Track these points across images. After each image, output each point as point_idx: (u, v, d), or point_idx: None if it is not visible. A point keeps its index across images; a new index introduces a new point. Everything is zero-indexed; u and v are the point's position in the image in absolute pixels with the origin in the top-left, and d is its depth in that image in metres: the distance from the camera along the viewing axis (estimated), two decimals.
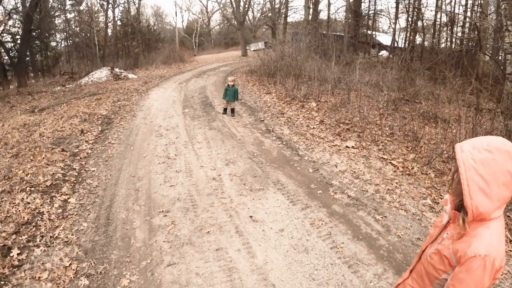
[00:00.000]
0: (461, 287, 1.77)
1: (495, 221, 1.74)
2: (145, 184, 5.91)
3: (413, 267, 2.23)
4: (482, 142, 1.73)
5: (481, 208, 1.68)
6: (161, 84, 15.92)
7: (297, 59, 14.60)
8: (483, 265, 1.67)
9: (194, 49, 49.09)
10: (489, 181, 1.67)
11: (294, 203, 5.33)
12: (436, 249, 1.99)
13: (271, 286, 3.65)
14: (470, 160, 1.71)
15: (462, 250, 1.76)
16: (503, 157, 1.65)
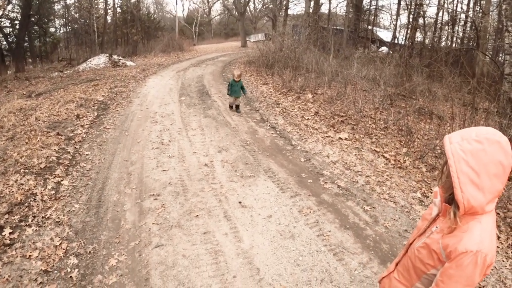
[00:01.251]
0: (450, 283, 1.74)
1: (487, 215, 1.70)
2: (137, 168, 5.99)
3: (399, 260, 2.21)
4: (471, 133, 1.68)
5: (473, 201, 1.64)
6: (159, 72, 15.92)
7: (295, 51, 14.61)
8: (475, 261, 1.64)
9: (194, 39, 48.77)
10: (480, 172, 1.62)
11: (283, 190, 5.40)
12: (425, 243, 1.95)
13: (255, 270, 3.73)
14: (459, 151, 1.66)
15: (452, 245, 1.72)
16: (494, 147, 1.60)
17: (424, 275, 1.97)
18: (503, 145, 1.60)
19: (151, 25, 33.04)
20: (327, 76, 12.11)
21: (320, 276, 3.69)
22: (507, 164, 1.60)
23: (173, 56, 23.57)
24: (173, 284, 3.51)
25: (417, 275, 2.01)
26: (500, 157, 1.60)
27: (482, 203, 1.64)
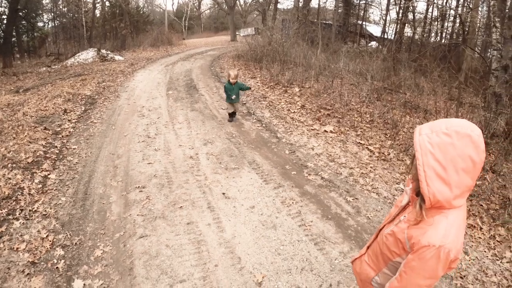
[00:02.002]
0: (412, 274, 1.75)
1: (455, 210, 1.68)
2: (124, 161, 6.04)
3: (370, 244, 2.24)
4: (441, 125, 1.63)
5: (438, 196, 1.61)
6: (147, 66, 15.90)
7: (283, 45, 14.63)
8: (437, 255, 1.63)
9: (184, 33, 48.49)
10: (447, 167, 1.58)
11: (267, 182, 5.48)
12: (392, 231, 1.96)
13: (237, 259, 3.82)
14: (427, 144, 1.63)
15: (416, 237, 1.72)
16: (463, 141, 1.55)
17: (390, 262, 2.00)
18: (474, 139, 1.55)
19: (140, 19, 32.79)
20: (314, 70, 12.18)
21: (301, 265, 3.78)
22: (478, 160, 1.56)
23: (162, 50, 23.45)
24: (156, 273, 3.58)
25: (384, 261, 2.05)
26: (470, 152, 1.55)
27: (448, 197, 1.62)
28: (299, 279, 3.59)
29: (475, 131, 1.56)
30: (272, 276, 3.61)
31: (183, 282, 3.48)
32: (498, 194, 5.62)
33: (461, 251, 1.70)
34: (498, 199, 5.47)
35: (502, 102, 7.71)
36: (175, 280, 3.49)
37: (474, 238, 4.60)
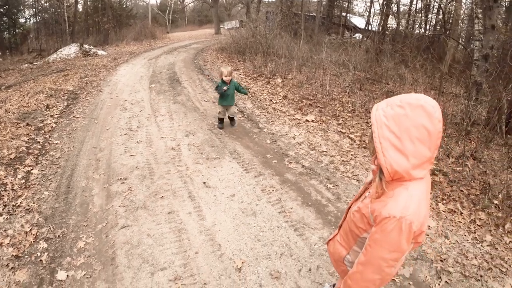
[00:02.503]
0: (376, 247, 1.78)
1: (416, 182, 1.70)
2: (106, 154, 6.04)
3: (341, 224, 2.29)
4: (396, 99, 1.67)
5: (395, 166, 1.63)
6: (130, 60, 15.76)
7: (266, 37, 14.62)
8: (399, 227, 1.65)
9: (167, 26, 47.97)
10: (402, 137, 1.60)
11: (248, 171, 5.54)
12: (358, 207, 2.00)
13: (217, 246, 3.87)
14: (382, 117, 1.65)
15: (378, 209, 1.74)
16: (416, 112, 1.58)
17: (358, 239, 2.04)
18: (427, 109, 1.57)
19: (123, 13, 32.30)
20: (297, 61, 12.22)
21: (280, 250, 3.84)
22: (433, 129, 1.58)
23: (145, 44, 23.21)
24: (137, 262, 3.62)
25: (354, 238, 2.09)
26: (423, 121, 1.57)
27: (406, 168, 1.63)
28: (279, 264, 3.65)
29: (428, 102, 1.59)
30: (252, 261, 3.67)
31: (164, 269, 3.52)
32: (479, 180, 5.73)
33: (425, 224, 1.72)
34: (479, 185, 5.57)
35: (483, 91, 7.85)
36: (156, 268, 3.54)
37: (455, 222, 4.69)
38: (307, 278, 3.51)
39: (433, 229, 4.50)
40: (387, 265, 1.80)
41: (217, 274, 3.49)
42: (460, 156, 6.32)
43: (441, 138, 1.65)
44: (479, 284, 3.74)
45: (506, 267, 4.00)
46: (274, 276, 3.49)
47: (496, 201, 5.10)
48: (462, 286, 3.69)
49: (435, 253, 4.07)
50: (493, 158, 6.68)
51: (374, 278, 1.89)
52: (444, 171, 5.80)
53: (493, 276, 3.87)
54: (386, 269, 1.83)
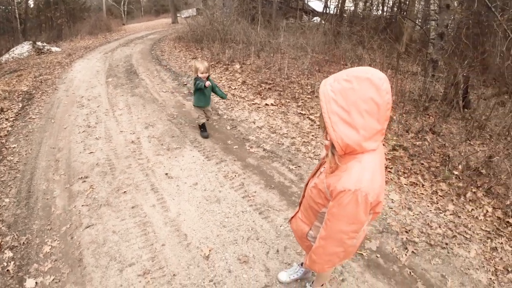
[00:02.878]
0: (335, 221, 1.78)
1: (368, 154, 1.68)
2: (65, 154, 5.76)
3: (301, 201, 2.29)
4: (343, 73, 1.63)
5: (346, 139, 1.62)
6: (85, 55, 15.06)
7: (224, 24, 14.34)
8: (355, 199, 1.65)
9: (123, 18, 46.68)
10: (350, 110, 1.58)
11: (209, 158, 5.45)
12: (315, 183, 2.01)
13: (183, 236, 3.79)
14: (329, 92, 1.63)
15: (333, 184, 1.74)
16: (363, 84, 1.55)
17: (318, 214, 2.07)
18: (374, 81, 1.54)
19: (76, 6, 30.83)
20: (254, 46, 12.08)
21: (246, 235, 3.81)
22: (381, 101, 1.56)
23: (100, 37, 22.21)
24: (105, 260, 3.50)
25: (314, 214, 2.11)
26: (371, 94, 1.55)
27: (357, 140, 1.62)
28: (246, 248, 3.62)
29: (375, 74, 1.56)
30: (219, 248, 3.62)
31: (132, 265, 3.42)
32: (439, 153, 5.86)
33: (381, 195, 1.72)
34: (439, 158, 5.69)
35: (439, 68, 8.03)
36: (124, 265, 3.43)
37: (417, 194, 4.79)
38: (275, 259, 3.50)
39: (396, 202, 4.58)
40: (348, 237, 1.82)
41: (186, 264, 3.42)
42: (419, 131, 6.45)
43: (390, 109, 1.62)
44: (445, 251, 3.84)
45: (470, 234, 4.12)
46: (243, 261, 3.46)
47: (456, 172, 5.23)
48: (429, 254, 3.77)
49: (400, 225, 4.14)
50: (452, 132, 6.85)
51: (337, 251, 1.92)
52: (404, 146, 5.90)
53: (458, 243, 3.98)
54: (347, 241, 1.85)
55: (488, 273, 3.64)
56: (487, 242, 4.05)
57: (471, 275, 3.59)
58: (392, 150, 5.82)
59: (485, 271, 3.67)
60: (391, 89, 1.63)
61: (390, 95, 1.58)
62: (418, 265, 3.62)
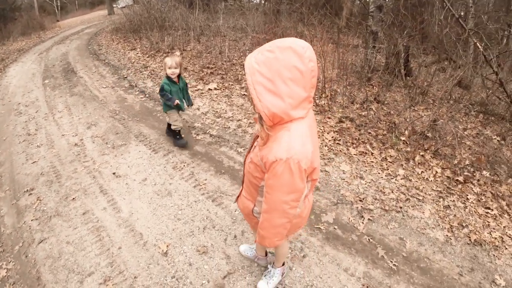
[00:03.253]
0: (273, 192, 1.76)
1: (297, 122, 1.67)
2: (7, 168, 5.26)
3: (243, 179, 2.25)
4: (266, 45, 1.62)
5: (272, 108, 1.61)
6: (19, 58, 13.84)
7: (161, 11, 13.73)
8: (288, 168, 1.63)
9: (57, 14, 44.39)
10: (274, 79, 1.58)
11: (156, 151, 5.22)
12: (251, 158, 2.02)
13: (138, 235, 3.61)
14: (254, 64, 1.62)
15: (265, 156, 1.72)
16: (286, 53, 1.55)
17: (259, 188, 2.05)
18: (297, 49, 1.54)
19: (6, 6, 28.92)
20: (194, 31, 11.72)
21: (202, 224, 3.69)
22: (305, 69, 1.57)
23: (34, 37, 20.50)
24: (63, 274, 3.25)
25: (255, 190, 2.10)
26: (294, 62, 1.55)
27: (283, 108, 1.61)
28: (203, 238, 3.51)
29: (297, 43, 1.57)
30: (176, 242, 3.48)
31: (91, 274, 3.20)
32: (385, 121, 5.95)
33: (315, 161, 1.73)
34: (385, 125, 5.78)
35: (379, 39, 8.10)
36: (84, 275, 3.20)
37: (367, 163, 4.84)
38: (234, 245, 3.41)
39: (348, 172, 4.62)
40: (290, 207, 1.80)
41: (145, 264, 3.26)
42: (364, 101, 6.52)
43: (316, 77, 1.63)
44: (400, 215, 3.92)
45: (422, 195, 4.23)
46: (202, 252, 3.35)
47: (403, 137, 5.35)
48: (385, 220, 3.84)
49: (353, 195, 4.18)
50: (396, 100, 6.99)
51: (282, 222, 1.89)
52: (351, 117, 5.94)
53: (411, 205, 4.07)
54: (290, 211, 1.83)
55: (444, 230, 3.76)
56: (439, 201, 4.18)
57: (428, 234, 3.70)
58: (339, 122, 5.86)
59: (440, 229, 3.79)
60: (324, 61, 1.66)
61: (314, 63, 1.59)
62: (376, 231, 3.67)
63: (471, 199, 4.28)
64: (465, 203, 4.22)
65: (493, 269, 3.38)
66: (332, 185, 4.40)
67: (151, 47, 11.60)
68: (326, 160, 4.94)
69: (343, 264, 3.27)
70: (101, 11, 39.14)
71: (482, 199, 4.31)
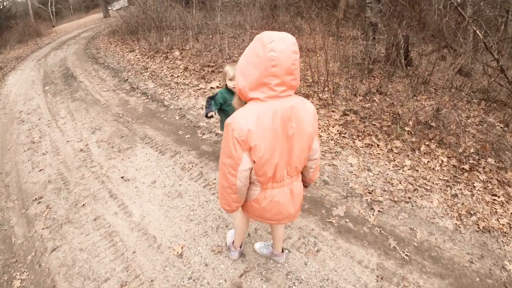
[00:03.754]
0: (221, 153, 2.04)
1: (254, 102, 1.88)
2: (14, 177, 5.24)
3: None
4: None
5: (239, 85, 1.91)
6: (18, 66, 13.79)
7: (157, 11, 13.63)
8: (227, 132, 1.89)
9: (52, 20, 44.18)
10: (245, 62, 1.87)
11: (163, 152, 5.20)
12: None
13: (152, 238, 3.59)
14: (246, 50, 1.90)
15: None
16: (256, 42, 1.80)
17: None
18: (263, 39, 1.75)
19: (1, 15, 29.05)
20: (191, 30, 11.66)
21: (215, 224, 3.68)
22: (263, 56, 1.75)
23: (31, 44, 20.36)
24: (79, 281, 3.23)
25: None
26: (257, 50, 1.78)
27: (243, 87, 1.88)
28: (217, 238, 3.49)
29: (268, 35, 1.77)
30: (191, 243, 3.46)
31: (107, 280, 3.19)
32: (388, 112, 5.92)
33: (251, 138, 1.85)
34: (389, 117, 5.75)
35: (379, 30, 8.06)
36: (100, 282, 3.19)
37: (374, 155, 4.82)
38: (249, 243, 3.40)
39: (355, 165, 4.61)
40: (228, 171, 2.01)
41: (161, 267, 3.25)
42: (366, 93, 6.50)
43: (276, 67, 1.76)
44: (409, 205, 3.91)
45: (429, 185, 4.22)
46: (217, 251, 3.34)
47: (407, 128, 5.33)
48: (394, 211, 3.83)
49: (362, 188, 4.17)
50: (398, 90, 6.95)
51: (223, 185, 2.10)
52: (354, 109, 5.92)
53: (420, 195, 4.06)
54: (229, 177, 2.03)
55: (453, 219, 3.75)
56: (447, 190, 4.17)
57: (437, 223, 3.69)
58: (343, 115, 5.84)
59: (449, 217, 3.78)
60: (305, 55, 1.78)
61: (277, 54, 1.73)
62: (386, 222, 3.67)
63: (477, 186, 4.27)
64: (472, 191, 4.20)
65: (502, 255, 3.39)
66: (340, 179, 4.39)
67: (149, 48, 11.54)
68: (333, 154, 4.93)
69: (357, 256, 3.27)
70: (96, 14, 38.99)
71: (489, 186, 4.30)
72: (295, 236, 3.51)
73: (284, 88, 1.84)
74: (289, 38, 1.77)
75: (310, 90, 6.83)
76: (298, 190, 2.27)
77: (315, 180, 2.55)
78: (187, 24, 12.11)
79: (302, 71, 7.55)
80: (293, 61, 1.78)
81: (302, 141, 2.02)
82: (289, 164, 2.08)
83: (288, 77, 1.81)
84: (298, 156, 2.07)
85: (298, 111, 1.93)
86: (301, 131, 1.98)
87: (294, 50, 1.78)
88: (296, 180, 2.24)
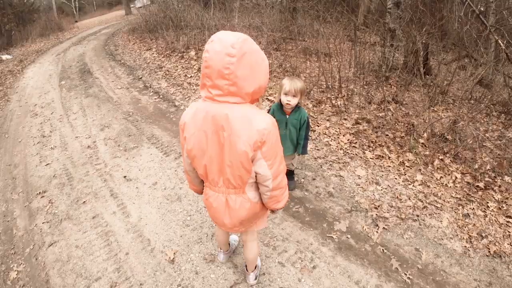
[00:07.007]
0: None
1: (200, 100, 1.89)
2: (21, 170, 5.35)
3: None
4: None
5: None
6: (37, 59, 14.14)
7: (176, 10, 13.74)
8: None
9: (75, 15, 44.85)
10: None
11: (167, 154, 5.19)
12: None
13: (146, 241, 3.57)
14: None
15: None
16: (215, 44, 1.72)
17: None
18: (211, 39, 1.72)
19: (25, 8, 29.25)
20: (209, 30, 11.65)
21: (210, 231, 3.63)
22: (207, 54, 1.71)
23: (52, 38, 21.01)
24: (71, 278, 3.25)
25: None
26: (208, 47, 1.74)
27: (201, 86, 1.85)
28: (211, 246, 3.44)
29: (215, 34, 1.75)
30: (184, 249, 3.43)
31: (98, 279, 3.19)
32: (403, 122, 5.74)
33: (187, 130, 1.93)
34: (403, 127, 5.57)
35: (397, 37, 7.92)
36: (91, 280, 3.19)
37: (384, 167, 4.65)
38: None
39: (363, 177, 4.46)
40: (183, 158, 2.16)
41: (151, 271, 3.22)
42: (381, 101, 6.34)
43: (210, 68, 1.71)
44: (417, 224, 3.74)
45: (440, 203, 4.03)
46: (209, 260, 3.29)
47: (422, 140, 5.13)
48: (400, 229, 3.68)
49: (368, 202, 4.03)
50: (414, 100, 6.76)
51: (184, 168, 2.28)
52: (368, 118, 5.76)
53: (429, 213, 3.88)
54: (184, 161, 2.17)
55: (463, 241, 3.58)
56: (458, 209, 3.98)
57: (445, 245, 3.53)
58: (356, 124, 5.69)
59: (459, 239, 3.61)
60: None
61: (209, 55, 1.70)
62: (391, 241, 3.54)
63: (491, 207, 4.04)
64: (485, 211, 3.98)
65: None
66: (346, 191, 4.26)
67: (166, 47, 11.64)
68: (341, 164, 4.79)
69: (355, 276, 3.12)
70: (119, 11, 39.58)
71: (503, 207, 4.06)
72: (292, 250, 3.39)
73: (219, 92, 1.72)
74: (229, 40, 1.65)
75: (324, 96, 6.72)
76: (236, 205, 2.08)
77: (274, 209, 2.21)
78: (204, 25, 12.12)
79: (316, 76, 7.45)
80: (226, 64, 1.63)
81: (232, 156, 1.84)
82: (221, 173, 1.96)
83: (221, 81, 1.68)
84: (230, 170, 1.90)
85: (234, 123, 1.75)
86: (232, 145, 1.80)
87: (229, 53, 1.63)
88: (235, 194, 2.05)
